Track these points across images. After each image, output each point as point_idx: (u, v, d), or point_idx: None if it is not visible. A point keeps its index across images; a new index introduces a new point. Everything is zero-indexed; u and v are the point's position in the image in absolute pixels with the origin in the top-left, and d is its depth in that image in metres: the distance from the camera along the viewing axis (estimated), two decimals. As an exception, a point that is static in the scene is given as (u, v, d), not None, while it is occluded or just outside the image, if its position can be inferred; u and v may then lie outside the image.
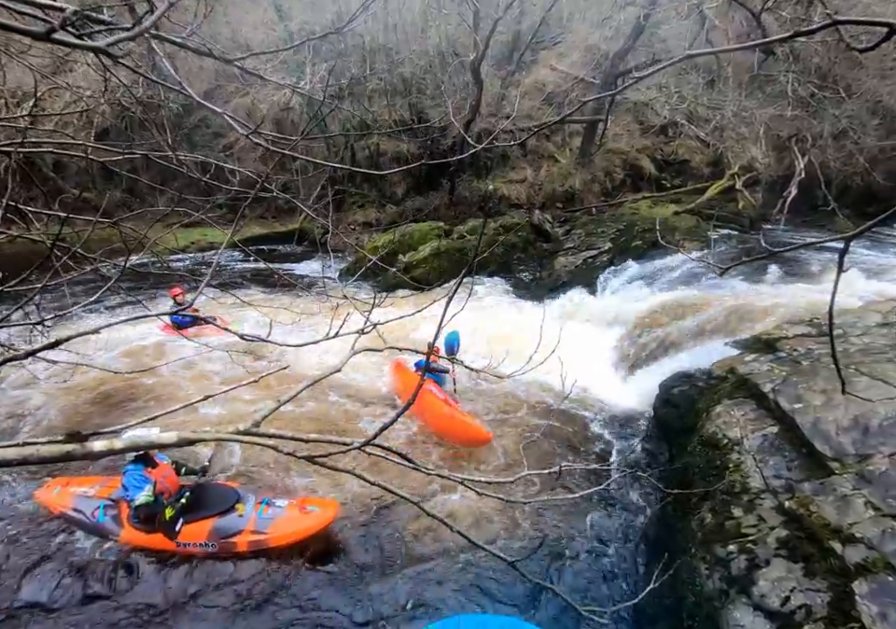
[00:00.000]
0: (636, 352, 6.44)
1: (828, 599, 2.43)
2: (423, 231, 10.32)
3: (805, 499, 2.84)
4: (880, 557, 2.45)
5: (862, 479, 2.85)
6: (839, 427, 3.21)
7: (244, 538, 3.70)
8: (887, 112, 13.20)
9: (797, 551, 2.65)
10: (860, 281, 6.68)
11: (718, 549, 2.86)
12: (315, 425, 5.35)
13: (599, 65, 14.38)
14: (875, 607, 2.30)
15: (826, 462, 3.05)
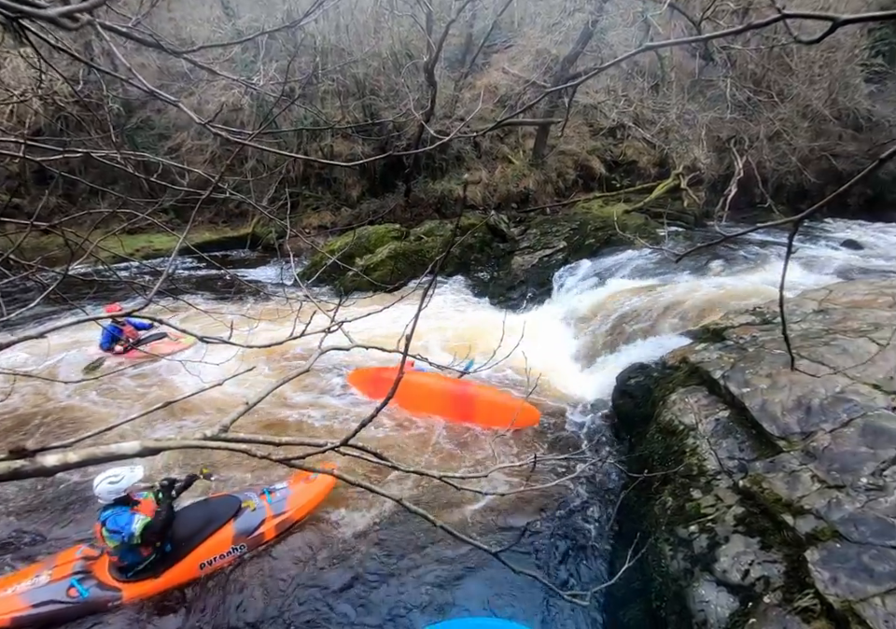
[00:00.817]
0: (593, 346, 6.63)
1: (784, 569, 2.57)
2: (379, 234, 10.25)
3: (758, 477, 3.00)
4: (828, 526, 2.62)
5: (808, 455, 3.04)
6: (784, 408, 3.41)
7: (269, 524, 3.74)
8: (815, 115, 14.17)
9: (753, 526, 2.79)
10: (795, 271, 7.13)
11: (680, 530, 2.98)
12: (291, 427, 5.23)
13: (550, 69, 14.73)
14: (827, 572, 2.45)
15: (774, 441, 3.23)
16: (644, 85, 15.03)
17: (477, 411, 5.31)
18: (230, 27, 14.55)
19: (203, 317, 3.67)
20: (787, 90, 14.13)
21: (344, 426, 5.26)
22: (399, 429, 5.27)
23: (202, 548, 3.51)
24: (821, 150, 13.90)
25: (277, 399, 5.60)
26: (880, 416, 3.19)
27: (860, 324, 4.30)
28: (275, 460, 1.27)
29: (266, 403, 5.16)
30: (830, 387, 3.51)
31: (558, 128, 14.33)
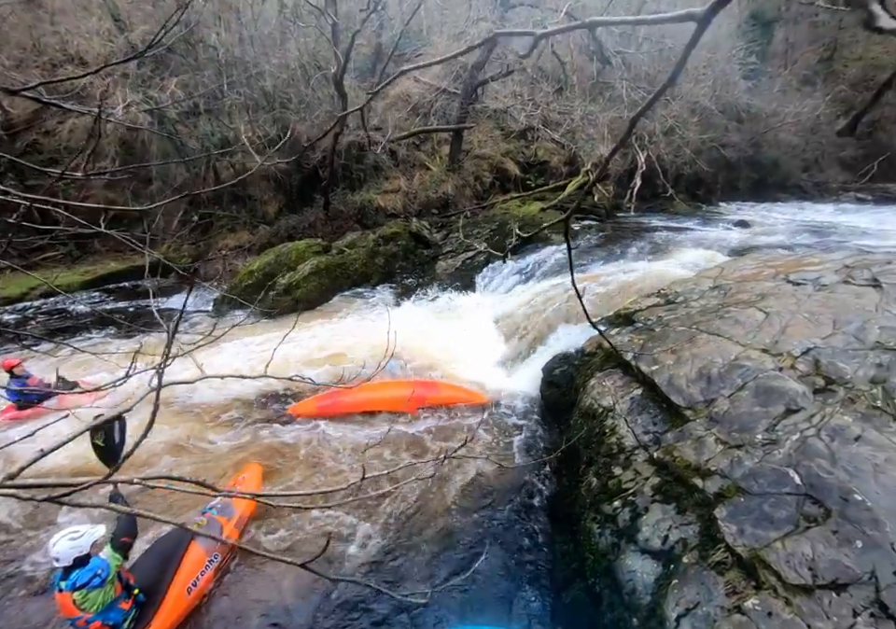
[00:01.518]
0: (520, 341, 6.81)
1: (698, 529, 2.74)
2: (300, 250, 9.98)
3: (670, 447, 3.19)
4: (732, 483, 2.82)
5: (711, 420, 3.27)
6: (688, 380, 3.65)
7: (229, 528, 3.78)
8: (703, 111, 15.48)
9: (669, 493, 2.96)
10: (695, 251, 7.72)
11: (605, 507, 3.11)
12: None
13: (459, 76, 15.10)
14: (734, 525, 2.64)
15: (682, 412, 3.45)
16: (549, 89, 15.81)
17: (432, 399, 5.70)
18: (122, 40, 13.73)
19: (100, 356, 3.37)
20: (677, 89, 15.34)
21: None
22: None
23: (179, 576, 3.38)
24: (711, 141, 15.19)
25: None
26: (769, 377, 3.49)
27: (749, 296, 4.70)
28: (40, 500, 1.15)
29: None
30: (726, 356, 3.81)
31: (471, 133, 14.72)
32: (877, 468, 2.71)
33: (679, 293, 5.26)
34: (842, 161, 18.93)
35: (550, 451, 4.61)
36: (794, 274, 5.02)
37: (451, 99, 14.87)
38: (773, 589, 2.27)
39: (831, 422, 3.06)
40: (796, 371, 3.56)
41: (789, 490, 2.70)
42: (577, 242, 9.41)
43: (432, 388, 5.86)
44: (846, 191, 17.26)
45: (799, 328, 4.01)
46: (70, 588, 2.81)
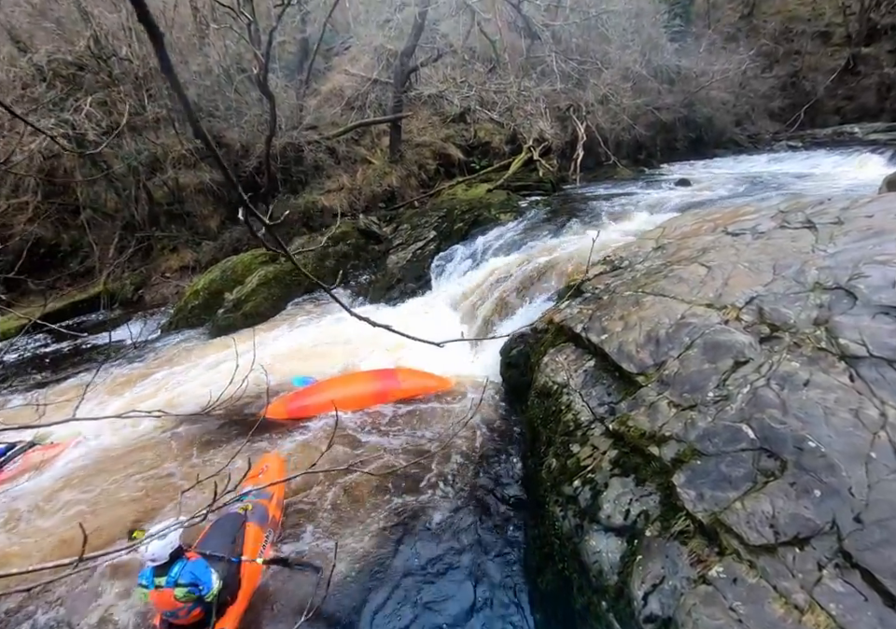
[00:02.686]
0: (479, 325, 6.68)
1: (658, 499, 2.65)
2: (246, 262, 9.58)
3: (624, 417, 3.09)
4: (688, 446, 2.74)
5: (662, 383, 3.19)
6: (637, 345, 3.57)
7: (273, 510, 4.00)
8: (635, 77, 15.57)
9: (627, 465, 2.86)
10: (640, 217, 7.72)
11: (566, 488, 3.00)
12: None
13: (390, 65, 14.76)
14: (692, 491, 2.55)
15: (634, 379, 3.36)
16: (482, 69, 15.61)
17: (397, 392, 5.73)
18: (26, 63, 12.87)
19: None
20: (608, 58, 15.37)
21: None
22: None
23: (246, 554, 3.53)
24: (646, 106, 15.29)
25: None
26: (715, 332, 3.43)
27: (690, 252, 4.66)
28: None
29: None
30: (672, 316, 3.74)
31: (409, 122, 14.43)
32: (828, 410, 2.66)
33: (623, 258, 5.20)
34: (771, 113, 19.42)
35: (515, 434, 4.49)
36: (732, 226, 5.01)
37: (385, 89, 14.53)
38: (736, 553, 2.19)
39: (779, 369, 3.01)
40: (741, 323, 3.51)
41: (744, 446, 2.63)
42: (524, 219, 9.31)
43: (396, 378, 5.89)
44: (777, 141, 17.73)
45: (741, 278, 3.97)
46: (172, 584, 2.89)
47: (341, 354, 6.82)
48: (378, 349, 6.67)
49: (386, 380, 5.82)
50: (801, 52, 20.02)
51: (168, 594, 2.89)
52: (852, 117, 18.48)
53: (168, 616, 3.00)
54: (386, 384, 5.77)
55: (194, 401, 5.99)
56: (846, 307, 3.27)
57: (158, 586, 2.90)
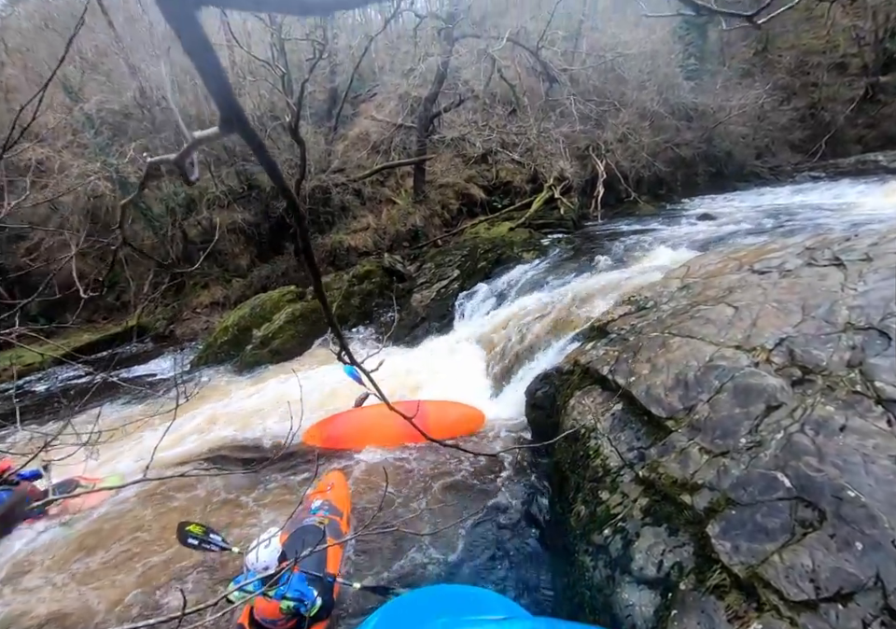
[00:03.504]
0: (504, 364, 6.69)
1: (692, 550, 2.58)
2: (274, 299, 9.88)
3: (654, 463, 3.05)
4: (721, 495, 2.68)
5: (692, 428, 3.15)
6: (666, 389, 3.54)
7: (343, 524, 4.20)
8: (652, 115, 15.92)
9: (658, 514, 2.81)
10: (664, 254, 7.73)
11: (595, 536, 2.94)
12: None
13: (414, 111, 15.42)
14: (728, 542, 2.49)
15: (664, 423, 3.32)
16: (502, 112, 16.19)
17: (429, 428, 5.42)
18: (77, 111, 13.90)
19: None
20: (625, 98, 15.80)
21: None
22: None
23: (330, 563, 3.68)
24: (665, 143, 15.54)
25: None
26: (745, 374, 3.39)
27: (716, 291, 4.65)
28: None
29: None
30: (700, 358, 3.71)
31: (433, 164, 14.96)
32: (866, 458, 2.59)
33: (648, 298, 5.20)
34: (791, 144, 19.45)
35: (541, 477, 4.43)
36: (758, 263, 5.00)
37: (409, 133, 15.14)
38: (775, 609, 2.12)
39: (813, 414, 2.95)
40: (772, 365, 3.47)
41: (780, 495, 2.57)
42: (546, 256, 9.41)
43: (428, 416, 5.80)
44: (799, 172, 17.66)
45: (769, 318, 3.94)
46: (279, 596, 2.98)
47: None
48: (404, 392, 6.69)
49: (420, 415, 5.80)
50: (818, 84, 20.19)
51: (274, 606, 2.98)
52: (875, 145, 18.37)
53: (267, 623, 3.09)
54: (420, 419, 5.74)
55: (236, 441, 6.14)
56: (880, 348, 3.22)
57: (265, 595, 2.97)
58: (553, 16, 14.42)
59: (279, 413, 6.53)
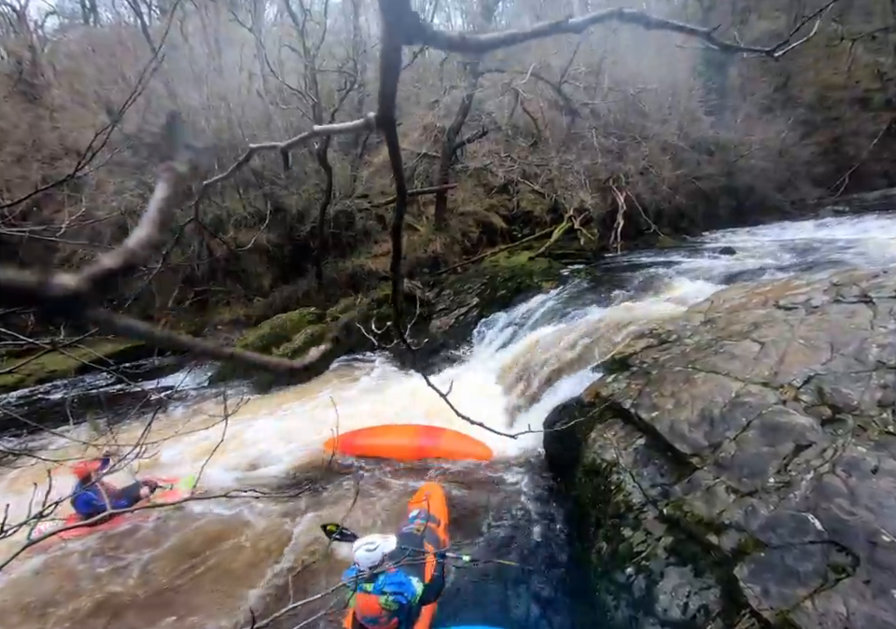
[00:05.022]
0: (521, 394, 6.64)
1: (719, 592, 2.51)
2: (294, 320, 10.03)
3: (679, 501, 2.99)
4: (749, 536, 2.61)
5: (719, 466, 3.09)
6: (690, 425, 3.50)
7: (440, 533, 4.25)
8: (673, 148, 16.11)
9: (683, 554, 2.74)
10: (685, 287, 7.70)
11: (618, 575, 2.87)
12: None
13: (438, 140, 15.83)
14: (757, 585, 2.41)
15: (688, 459, 3.27)
16: (524, 144, 16.54)
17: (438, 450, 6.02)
18: (117, 132, 14.56)
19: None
20: (646, 131, 16.05)
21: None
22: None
23: (428, 567, 3.67)
24: (686, 176, 15.67)
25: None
26: (773, 412, 3.34)
27: (741, 327, 4.61)
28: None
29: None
30: (726, 394, 3.67)
31: (455, 192, 15.26)
32: (902, 503, 2.52)
33: (671, 331, 5.18)
34: (814, 178, 19.40)
35: (559, 511, 4.34)
36: (784, 299, 4.96)
37: (432, 162, 15.52)
38: (809, 660, 2.04)
39: (844, 455, 2.89)
40: (801, 403, 3.42)
41: (811, 538, 2.50)
42: (566, 287, 9.44)
43: (440, 438, 6.16)
44: (823, 206, 17.55)
45: (797, 355, 3.90)
46: (377, 591, 3.00)
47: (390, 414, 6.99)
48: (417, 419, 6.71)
49: (432, 438, 6.13)
50: (840, 118, 20.25)
51: (373, 600, 3.00)
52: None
53: (368, 622, 3.07)
54: (432, 442, 6.08)
55: (267, 459, 6.26)
56: (913, 389, 3.16)
57: (365, 591, 3.03)
58: (577, 52, 14.86)
59: (305, 431, 6.67)
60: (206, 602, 4.01)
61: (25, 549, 1.14)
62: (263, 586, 4.09)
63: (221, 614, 3.84)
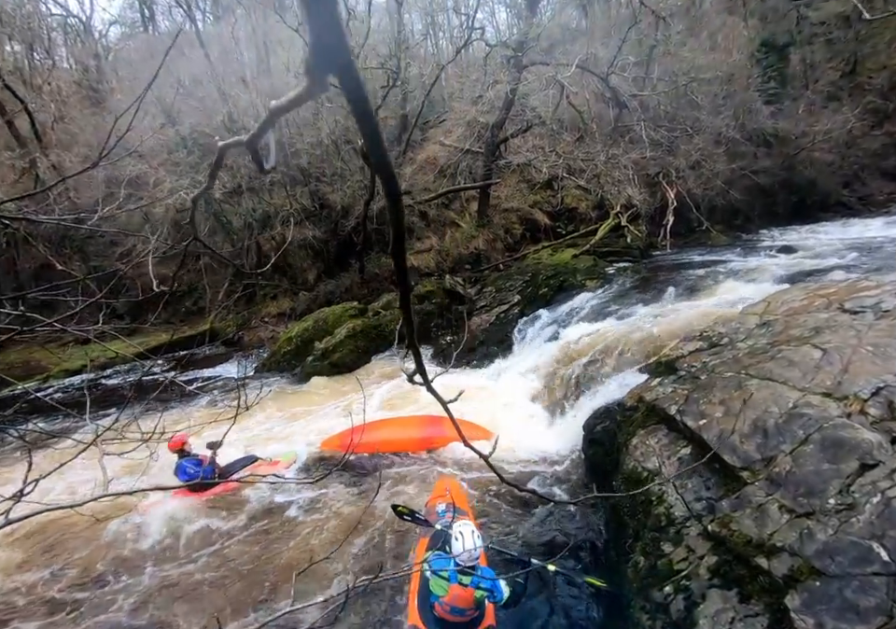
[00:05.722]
0: (561, 395, 6.47)
1: (767, 622, 2.33)
2: (337, 314, 10.19)
3: (726, 518, 2.79)
4: (804, 562, 2.41)
5: (772, 483, 2.87)
6: (742, 435, 3.27)
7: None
8: (728, 141, 15.27)
9: (728, 576, 2.56)
10: (739, 287, 7.28)
11: (655, 593, 2.71)
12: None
13: (481, 136, 15.68)
14: (811, 618, 2.22)
15: (738, 473, 3.06)
16: (569, 138, 16.12)
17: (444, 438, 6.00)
18: (173, 134, 15.24)
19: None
20: (698, 123, 15.29)
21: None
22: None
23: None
24: (741, 170, 14.84)
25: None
26: (836, 426, 3.08)
27: (801, 331, 4.29)
28: None
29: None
30: (782, 404, 3.41)
31: (498, 188, 15.08)
32: None
33: (723, 334, 4.89)
34: (884, 172, 17.89)
35: (595, 517, 4.18)
36: (850, 302, 4.59)
37: (475, 158, 15.40)
38: (871, 706, 1.85)
39: (917, 478, 2.62)
40: (868, 417, 3.13)
41: (875, 569, 2.27)
42: (611, 285, 9.13)
43: (442, 425, 6.11)
44: (894, 202, 16.21)
45: (864, 364, 3.58)
46: (475, 585, 3.04)
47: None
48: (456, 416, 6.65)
49: (435, 427, 6.13)
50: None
51: (469, 593, 3.02)
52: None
53: (453, 612, 3.09)
54: (435, 431, 6.09)
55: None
56: None
57: (461, 583, 3.04)
58: (624, 42, 14.30)
59: (334, 423, 6.75)
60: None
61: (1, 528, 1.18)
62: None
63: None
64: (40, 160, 12.96)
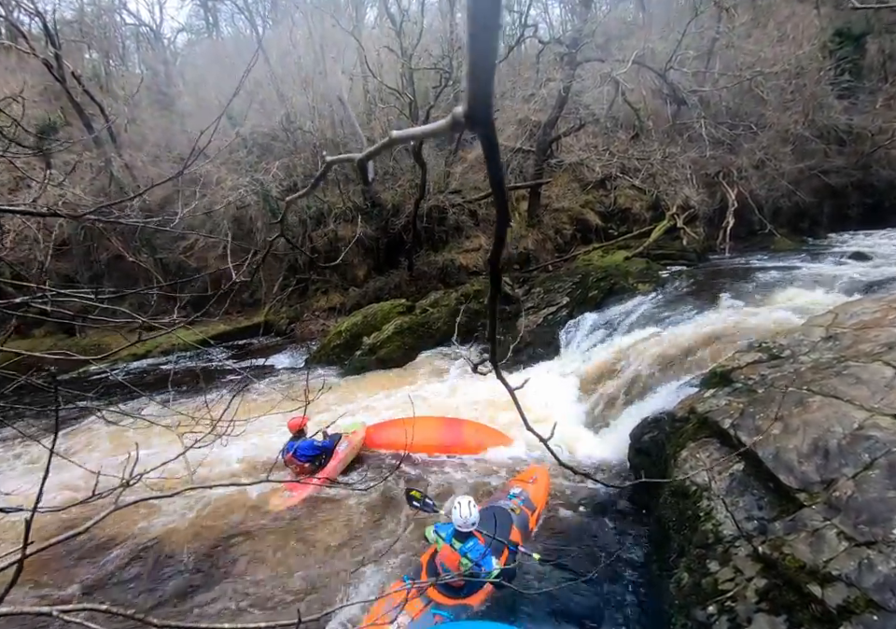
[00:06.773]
0: (607, 402, 6.35)
1: (820, 654, 2.24)
2: (385, 310, 10.41)
3: (778, 540, 2.69)
4: (861, 595, 2.30)
5: (831, 507, 2.75)
6: (800, 455, 3.13)
7: (532, 520, 4.37)
8: (796, 138, 14.39)
9: (777, 601, 2.47)
10: (803, 296, 6.90)
11: (698, 611, 2.65)
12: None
13: (533, 135, 15.52)
14: (868, 654, 2.12)
15: (794, 495, 2.94)
16: (624, 136, 15.67)
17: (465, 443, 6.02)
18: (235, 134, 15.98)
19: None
20: (763, 120, 14.49)
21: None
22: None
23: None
24: (810, 169, 13.96)
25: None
26: (905, 452, 2.90)
27: (871, 346, 4.04)
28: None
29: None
30: (847, 424, 3.24)
31: (548, 188, 14.88)
32: None
33: (784, 346, 4.66)
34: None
35: (639, 530, 4.11)
36: (930, 318, 4.28)
37: (526, 157, 15.26)
38: None
39: None
40: (942, 444, 2.93)
41: (944, 607, 2.14)
42: (664, 290, 8.84)
43: (462, 430, 6.15)
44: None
45: (941, 386, 3.35)
46: (462, 553, 3.35)
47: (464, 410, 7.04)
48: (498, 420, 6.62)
49: (456, 430, 6.14)
50: None
51: (455, 558, 3.36)
52: None
53: (444, 570, 3.43)
54: (456, 435, 6.09)
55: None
56: None
57: (452, 546, 3.40)
58: (684, 35, 13.70)
59: (384, 416, 6.98)
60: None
61: (111, 513, 1.30)
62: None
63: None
64: (114, 160, 13.92)
